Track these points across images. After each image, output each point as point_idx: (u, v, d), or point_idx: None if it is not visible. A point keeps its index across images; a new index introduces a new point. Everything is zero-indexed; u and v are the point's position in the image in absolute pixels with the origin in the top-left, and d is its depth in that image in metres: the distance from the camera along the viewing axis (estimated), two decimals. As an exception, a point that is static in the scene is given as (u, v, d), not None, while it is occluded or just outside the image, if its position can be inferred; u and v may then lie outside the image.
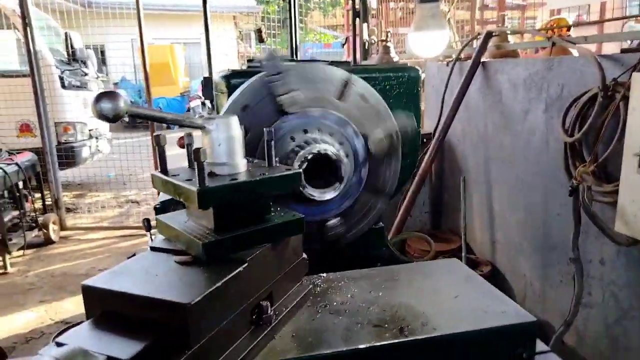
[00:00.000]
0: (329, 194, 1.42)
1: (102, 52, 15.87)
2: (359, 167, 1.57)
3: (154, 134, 1.08)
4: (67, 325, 4.07)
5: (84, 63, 8.19)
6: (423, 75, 4.72)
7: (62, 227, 6.48)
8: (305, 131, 1.54)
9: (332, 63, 2.04)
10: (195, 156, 0.95)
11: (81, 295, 0.96)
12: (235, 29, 17.96)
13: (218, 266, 0.98)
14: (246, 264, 1.00)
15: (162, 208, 1.60)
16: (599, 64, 2.72)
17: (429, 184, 4.94)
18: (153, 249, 1.11)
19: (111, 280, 0.94)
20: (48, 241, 6.11)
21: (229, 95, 1.73)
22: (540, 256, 3.56)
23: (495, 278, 4.07)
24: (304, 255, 1.25)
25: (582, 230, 2.89)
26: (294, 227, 1.13)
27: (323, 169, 1.47)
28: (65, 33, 7.61)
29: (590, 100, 2.82)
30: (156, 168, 1.18)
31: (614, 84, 2.61)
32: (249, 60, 2.07)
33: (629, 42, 4.70)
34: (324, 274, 1.35)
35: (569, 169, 3.02)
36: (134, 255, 1.64)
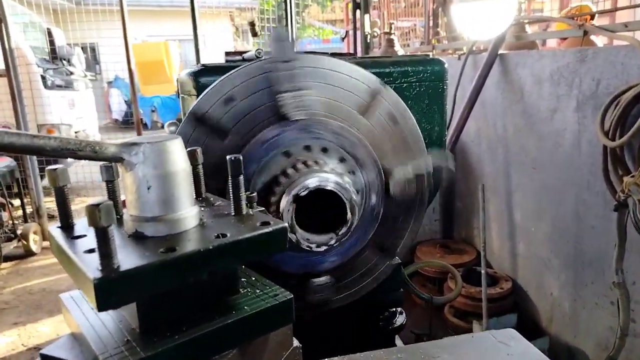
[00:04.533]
0: (326, 241, 1.00)
1: (95, 50, 15.43)
2: (369, 210, 1.15)
3: (48, 168, 0.67)
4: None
5: (69, 61, 7.72)
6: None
7: (44, 237, 6.06)
8: (308, 148, 1.11)
9: (334, 55, 1.61)
10: (90, 218, 0.52)
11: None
12: (232, 26, 17.53)
13: (140, 406, 0.56)
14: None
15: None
16: (648, 54, 2.28)
17: (440, 189, 4.51)
18: (45, 358, 0.68)
19: None
20: (28, 253, 5.69)
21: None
22: (571, 274, 3.13)
23: (517, 296, 3.65)
24: (296, 343, 0.82)
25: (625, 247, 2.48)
26: (278, 317, 0.70)
27: (319, 204, 1.04)
28: (47, 29, 7.14)
29: (638, 97, 2.39)
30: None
31: (670, 77, 2.18)
32: (227, 54, 1.64)
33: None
34: (325, 363, 0.93)
35: (610, 177, 2.59)
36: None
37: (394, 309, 1.88)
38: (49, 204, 7.55)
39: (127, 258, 0.58)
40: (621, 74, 2.60)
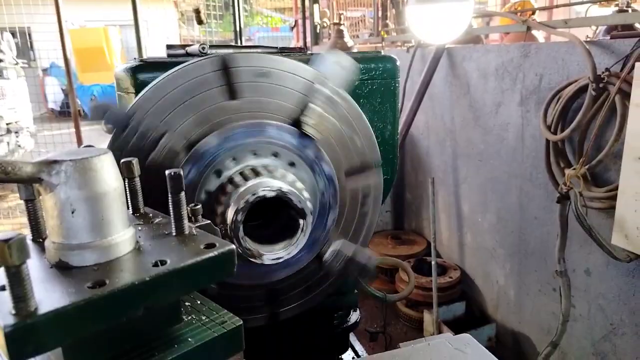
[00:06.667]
0: (280, 252, 0.94)
1: (28, 35, 14.46)
2: (322, 209, 1.11)
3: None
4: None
5: (-4, 47, 7.17)
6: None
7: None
8: (255, 154, 1.05)
9: (282, 50, 1.54)
10: (2, 259, 0.44)
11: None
12: (177, 11, 16.92)
13: None
14: None
15: None
16: (587, 51, 2.36)
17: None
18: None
19: None
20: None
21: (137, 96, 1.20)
22: (515, 262, 3.25)
23: (465, 284, 3.75)
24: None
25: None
26: (227, 346, 0.64)
27: (270, 211, 0.98)
28: (-31, 12, 6.57)
29: (578, 93, 2.48)
30: None
31: (607, 74, 2.26)
32: (169, 47, 1.53)
33: (594, 28, 4.46)
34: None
35: (552, 170, 2.68)
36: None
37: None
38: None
39: (47, 297, 0.50)
40: (562, 69, 2.69)
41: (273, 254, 0.92)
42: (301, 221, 0.93)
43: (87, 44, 14.62)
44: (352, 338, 2.07)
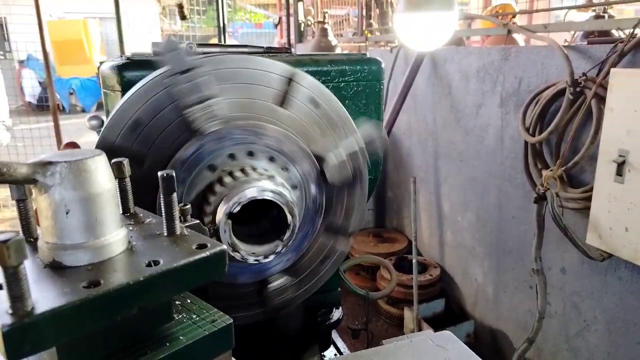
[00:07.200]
0: (270, 254, 0.96)
1: (4, 26, 14.12)
2: (311, 202, 1.13)
3: None
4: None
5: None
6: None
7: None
8: (233, 157, 1.06)
9: (269, 50, 1.55)
10: (0, 259, 0.45)
11: None
12: (159, 4, 16.70)
13: None
14: None
15: None
16: (566, 55, 2.43)
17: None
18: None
19: None
20: None
21: (124, 95, 1.20)
22: (493, 261, 3.32)
23: (444, 282, 3.82)
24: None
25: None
26: (217, 344, 0.66)
27: (256, 211, 1.00)
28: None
29: (556, 96, 2.55)
30: None
31: (584, 79, 2.33)
32: (155, 45, 1.52)
33: (572, 33, 4.56)
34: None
35: (530, 171, 2.75)
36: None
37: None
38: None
39: (42, 296, 0.51)
40: (541, 72, 2.76)
41: (264, 253, 0.94)
42: (289, 219, 0.95)
43: (66, 37, 14.31)
44: (335, 335, 2.10)
